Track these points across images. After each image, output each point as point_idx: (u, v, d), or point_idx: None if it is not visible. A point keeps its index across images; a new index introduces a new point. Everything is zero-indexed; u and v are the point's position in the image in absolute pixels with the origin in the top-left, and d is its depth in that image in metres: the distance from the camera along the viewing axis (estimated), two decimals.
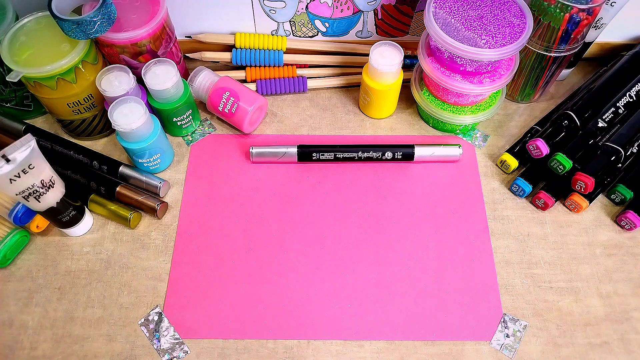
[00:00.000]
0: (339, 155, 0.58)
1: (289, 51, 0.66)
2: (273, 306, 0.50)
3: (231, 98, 0.58)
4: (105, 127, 0.61)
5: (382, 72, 0.57)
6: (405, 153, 0.58)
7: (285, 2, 0.61)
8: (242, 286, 0.51)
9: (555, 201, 0.55)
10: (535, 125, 0.61)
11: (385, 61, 0.57)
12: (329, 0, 0.60)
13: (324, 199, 0.57)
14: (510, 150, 0.59)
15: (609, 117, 0.57)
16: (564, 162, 0.54)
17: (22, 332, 0.49)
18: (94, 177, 0.56)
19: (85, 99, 0.55)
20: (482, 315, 0.50)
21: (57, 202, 0.49)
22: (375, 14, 0.63)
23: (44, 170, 0.47)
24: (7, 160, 0.44)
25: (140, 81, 0.56)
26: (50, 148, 0.58)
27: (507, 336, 0.49)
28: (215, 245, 0.54)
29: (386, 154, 0.58)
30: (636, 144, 0.56)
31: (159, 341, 0.48)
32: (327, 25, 0.64)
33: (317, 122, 0.63)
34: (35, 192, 0.47)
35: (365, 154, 0.58)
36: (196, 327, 0.49)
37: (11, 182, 0.45)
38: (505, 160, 0.58)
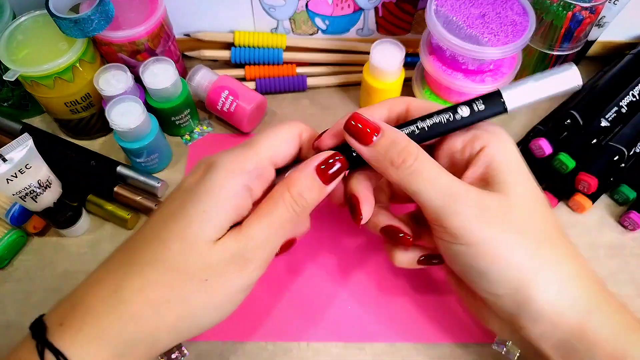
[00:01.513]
0: None
1: (289, 49, 0.65)
2: (273, 308, 0.50)
3: (230, 97, 0.57)
4: (103, 127, 0.60)
5: (383, 70, 0.56)
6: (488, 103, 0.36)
7: (284, 0, 0.60)
8: None
9: (559, 201, 0.55)
10: (537, 124, 0.60)
11: (387, 59, 0.56)
12: None
13: (324, 199, 0.56)
14: None
15: (613, 116, 0.56)
16: (567, 161, 0.53)
17: (19, 334, 0.48)
18: (92, 177, 0.55)
19: (83, 98, 0.55)
20: None
21: (54, 203, 0.49)
22: (376, 12, 0.62)
23: (41, 170, 0.47)
24: (4, 160, 0.43)
25: (138, 80, 0.55)
26: (48, 148, 0.57)
27: None
28: None
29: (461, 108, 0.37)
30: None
31: None
32: (327, 23, 0.63)
33: (317, 121, 0.63)
34: (32, 192, 0.46)
35: None
36: None
37: (8, 182, 0.44)
38: None
